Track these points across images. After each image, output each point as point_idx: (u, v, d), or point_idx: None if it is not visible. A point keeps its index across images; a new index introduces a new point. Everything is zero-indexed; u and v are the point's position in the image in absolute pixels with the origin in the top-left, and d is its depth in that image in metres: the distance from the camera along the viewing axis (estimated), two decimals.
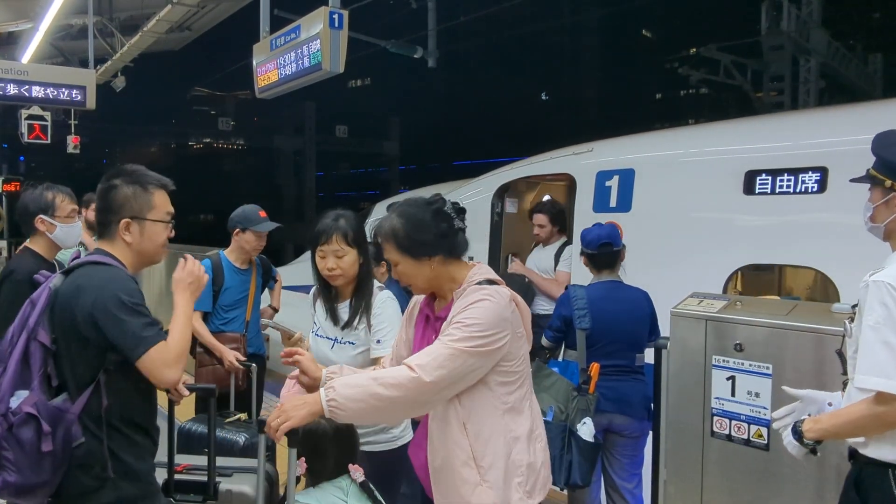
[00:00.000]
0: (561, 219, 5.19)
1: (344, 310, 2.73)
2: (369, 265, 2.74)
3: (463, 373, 1.92)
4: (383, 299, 2.72)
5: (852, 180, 2.32)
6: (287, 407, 1.88)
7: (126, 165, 2.23)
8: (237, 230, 4.07)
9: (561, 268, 5.02)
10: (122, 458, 2.02)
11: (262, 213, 4.08)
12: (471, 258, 2.27)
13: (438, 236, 2.09)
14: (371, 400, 1.86)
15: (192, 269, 2.21)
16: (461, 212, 2.16)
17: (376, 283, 2.78)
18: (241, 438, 3.32)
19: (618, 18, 34.67)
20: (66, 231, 3.28)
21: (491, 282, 2.07)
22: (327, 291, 2.75)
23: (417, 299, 2.33)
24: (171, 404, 2.48)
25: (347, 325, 2.69)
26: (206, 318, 4.02)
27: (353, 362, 2.54)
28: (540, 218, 5.16)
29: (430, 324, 2.22)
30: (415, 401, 1.93)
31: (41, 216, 3.22)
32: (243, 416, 3.69)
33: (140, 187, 2.17)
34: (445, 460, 2.03)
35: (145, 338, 1.96)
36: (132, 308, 1.97)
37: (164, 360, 1.99)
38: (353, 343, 2.70)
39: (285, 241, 24.75)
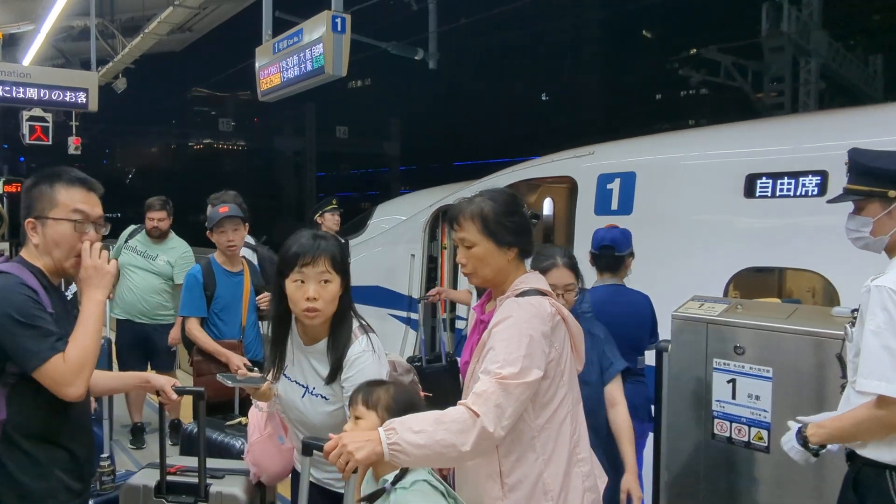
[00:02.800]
0: None
1: (317, 357, 2.21)
2: (350, 299, 2.22)
3: (522, 404, 1.86)
4: (357, 355, 2.16)
5: (834, 200, 2.29)
6: (348, 443, 1.73)
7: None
8: (209, 232, 3.91)
9: None
10: (18, 478, 1.87)
11: (223, 209, 3.85)
12: None
13: (523, 229, 2.05)
14: (437, 447, 1.74)
15: (93, 261, 1.96)
16: (536, 217, 2.14)
17: (354, 324, 2.24)
18: (238, 442, 3.29)
19: (618, 20, 34.69)
20: None
21: (539, 292, 2.00)
22: (283, 331, 2.24)
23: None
24: (162, 407, 2.43)
25: (330, 380, 2.17)
26: (204, 324, 3.89)
27: (325, 421, 2.18)
28: None
29: (478, 326, 2.15)
30: (481, 449, 1.81)
31: None
32: (245, 419, 3.67)
33: (47, 185, 1.99)
34: (472, 468, 2.00)
35: (36, 352, 1.81)
36: (21, 321, 1.82)
37: (60, 375, 1.82)
38: (325, 398, 2.20)
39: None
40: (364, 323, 2.27)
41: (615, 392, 2.94)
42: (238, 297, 3.96)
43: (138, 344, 5.15)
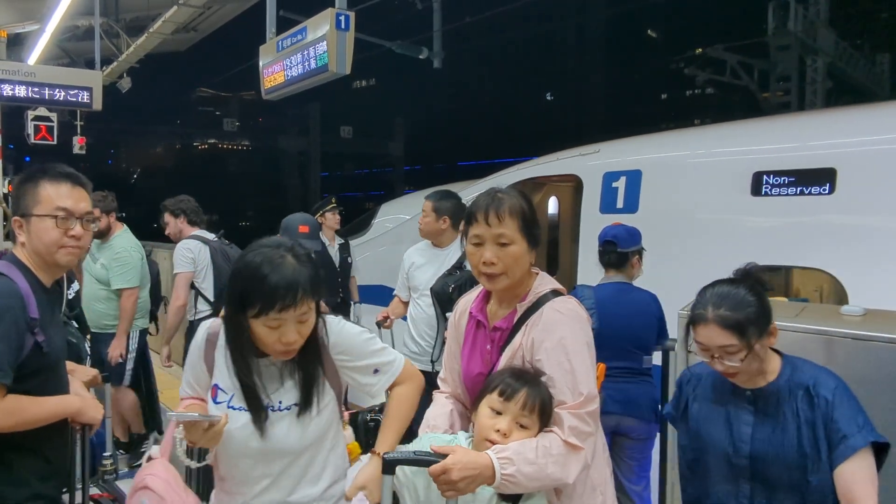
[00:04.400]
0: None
1: (271, 370, 1.83)
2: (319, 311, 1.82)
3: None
4: (329, 322, 1.89)
5: None
6: (456, 475, 1.64)
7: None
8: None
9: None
10: None
11: (303, 229, 3.73)
12: None
13: (538, 230, 1.96)
14: (546, 479, 1.74)
15: (91, 412, 2.03)
16: None
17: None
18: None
19: (623, 19, 34.64)
20: None
21: (556, 292, 1.94)
22: (247, 363, 1.79)
23: (465, 304, 2.10)
24: (84, 432, 2.20)
25: (304, 406, 1.82)
26: None
27: (303, 441, 1.84)
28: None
29: (482, 331, 2.03)
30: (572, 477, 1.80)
31: None
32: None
33: (32, 182, 1.97)
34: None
35: None
36: None
37: None
38: (300, 406, 1.85)
39: None
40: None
41: (856, 480, 1.78)
42: None
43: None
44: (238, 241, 4.51)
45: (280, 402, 1.81)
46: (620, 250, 3.59)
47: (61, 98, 9.47)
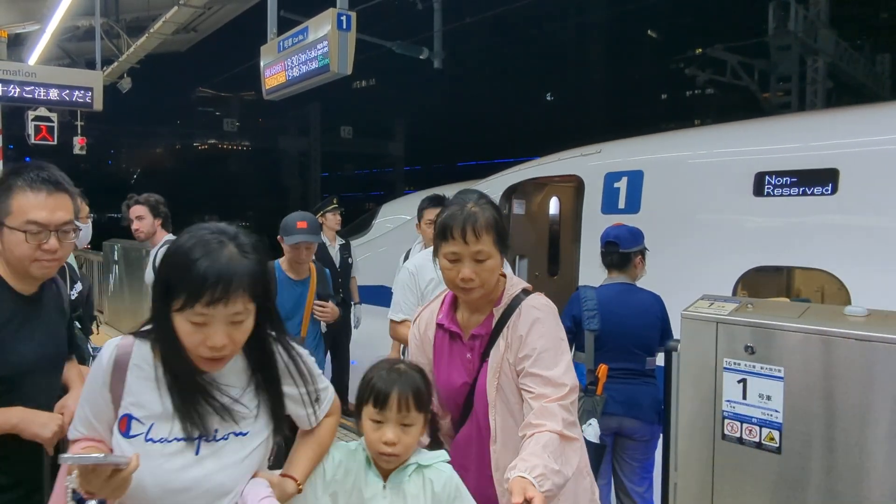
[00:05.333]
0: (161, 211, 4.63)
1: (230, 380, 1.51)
2: (269, 325, 1.55)
3: None
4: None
5: None
6: None
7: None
8: (280, 237, 3.67)
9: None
10: None
11: (301, 224, 3.61)
12: None
13: (509, 235, 1.96)
14: (564, 482, 1.71)
15: (33, 428, 1.82)
16: None
17: None
18: None
19: (624, 19, 34.63)
20: (85, 231, 3.31)
21: (526, 291, 1.95)
22: (177, 376, 1.46)
23: (429, 316, 2.06)
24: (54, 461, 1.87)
25: (256, 435, 1.53)
26: None
27: (242, 471, 1.50)
28: (139, 210, 4.55)
29: (457, 341, 2.00)
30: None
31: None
32: None
33: (5, 187, 1.81)
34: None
35: None
36: None
37: None
38: (244, 433, 1.51)
39: None
40: None
41: None
42: (299, 308, 3.70)
43: None
44: None
45: (217, 431, 1.47)
46: (623, 251, 3.58)
47: (62, 98, 9.47)
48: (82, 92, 9.57)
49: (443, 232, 1.89)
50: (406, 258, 4.05)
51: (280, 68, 6.07)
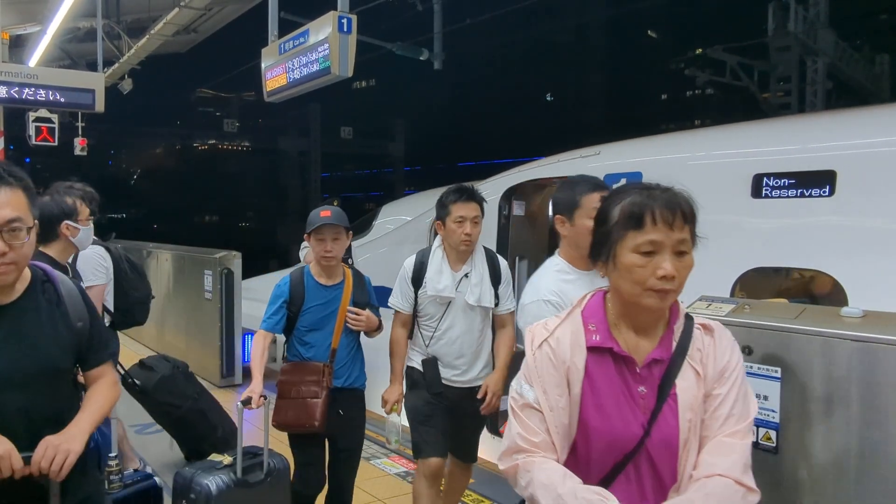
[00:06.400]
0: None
1: None
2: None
3: None
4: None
5: None
6: None
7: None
8: (307, 236, 3.37)
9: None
10: None
11: (325, 213, 3.30)
12: None
13: None
14: None
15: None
16: None
17: None
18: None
19: (623, 19, 34.64)
20: (86, 233, 3.33)
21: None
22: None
23: (574, 336, 1.55)
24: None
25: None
26: (288, 343, 3.44)
27: None
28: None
29: (622, 369, 1.54)
30: None
31: (67, 222, 3.25)
32: (226, 459, 3.10)
33: None
34: None
35: None
36: None
37: None
38: None
39: (290, 244, 24.79)
40: None
41: None
42: (331, 315, 3.37)
43: None
44: (238, 242, 4.52)
45: None
46: None
47: (63, 100, 9.49)
48: (83, 93, 9.58)
49: (636, 218, 1.51)
50: (417, 260, 3.58)
51: (281, 70, 6.09)
